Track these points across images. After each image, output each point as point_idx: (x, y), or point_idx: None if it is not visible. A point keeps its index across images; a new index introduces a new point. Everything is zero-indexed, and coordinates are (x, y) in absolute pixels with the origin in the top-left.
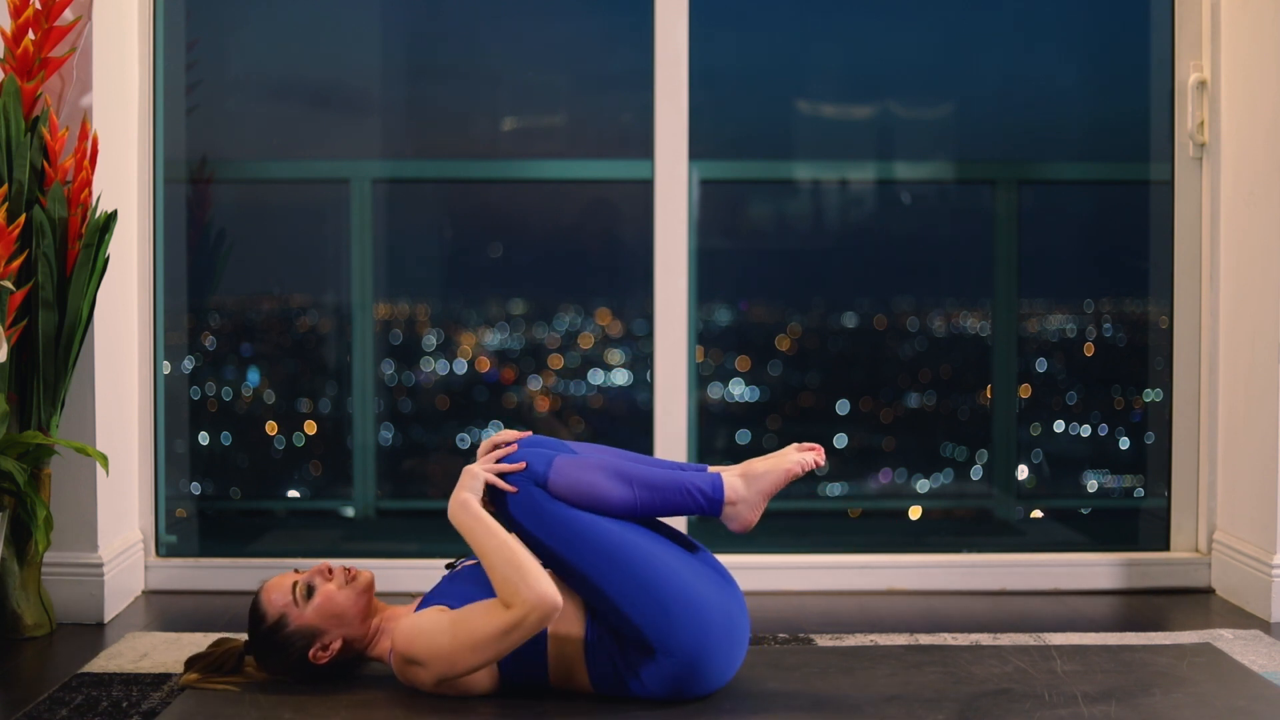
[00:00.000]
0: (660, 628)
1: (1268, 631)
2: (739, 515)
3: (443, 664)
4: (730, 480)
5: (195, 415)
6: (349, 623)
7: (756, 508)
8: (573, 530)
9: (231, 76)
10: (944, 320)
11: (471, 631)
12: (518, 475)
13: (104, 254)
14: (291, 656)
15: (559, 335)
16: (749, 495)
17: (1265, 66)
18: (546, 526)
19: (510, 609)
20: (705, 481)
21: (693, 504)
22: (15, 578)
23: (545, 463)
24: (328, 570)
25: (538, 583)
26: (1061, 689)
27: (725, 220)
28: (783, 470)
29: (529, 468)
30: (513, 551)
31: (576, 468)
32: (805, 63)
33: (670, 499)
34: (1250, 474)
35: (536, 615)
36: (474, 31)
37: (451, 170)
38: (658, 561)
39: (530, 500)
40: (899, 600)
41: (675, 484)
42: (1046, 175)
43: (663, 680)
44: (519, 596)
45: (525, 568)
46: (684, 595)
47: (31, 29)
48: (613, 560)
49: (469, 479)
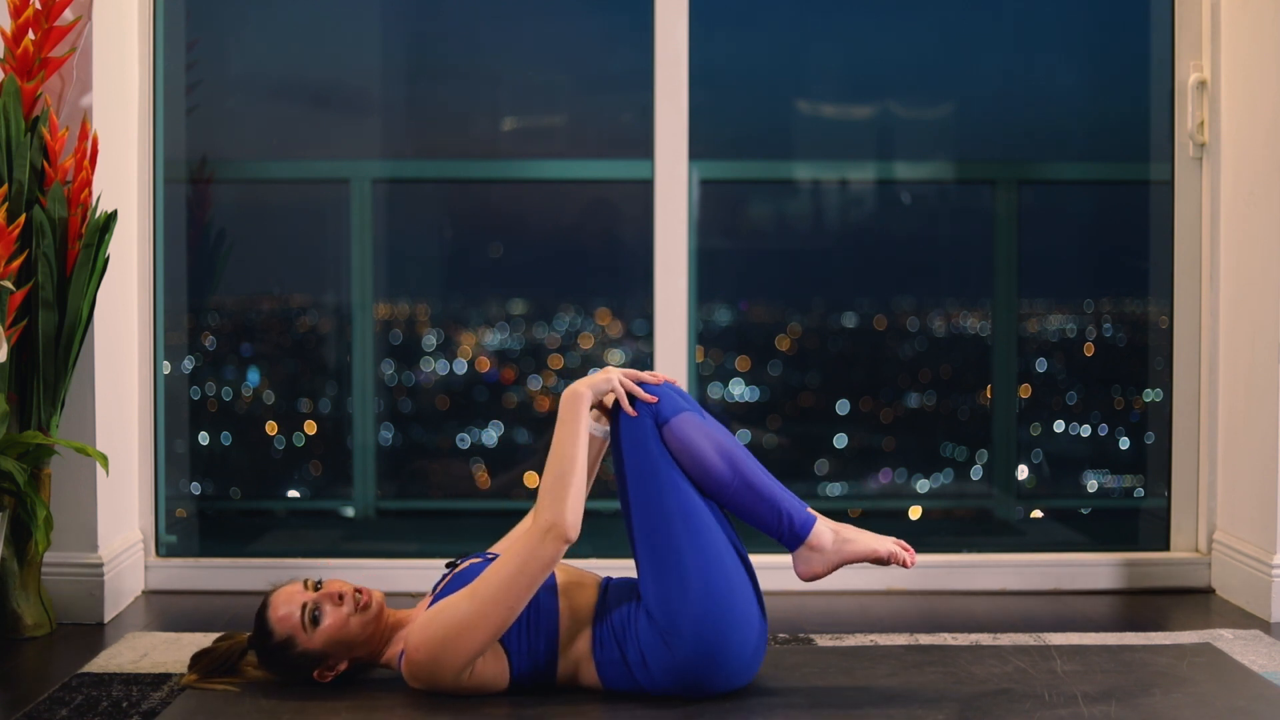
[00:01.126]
0: (688, 605)
1: (1268, 631)
2: (810, 563)
3: (465, 633)
4: (821, 527)
5: (195, 415)
6: (356, 648)
7: (830, 565)
8: (654, 476)
9: (231, 76)
10: (944, 320)
11: (490, 582)
12: (643, 404)
13: (104, 254)
14: (296, 675)
15: (559, 335)
16: (830, 551)
17: (1265, 66)
18: (638, 457)
19: (529, 532)
20: (799, 511)
21: (776, 525)
22: (15, 578)
23: (674, 410)
24: (338, 597)
25: (568, 509)
26: (1061, 689)
27: (725, 220)
28: (870, 548)
29: (659, 404)
30: (572, 469)
31: (697, 430)
32: (805, 63)
33: (760, 507)
34: (1250, 474)
35: (552, 536)
36: (474, 31)
37: (451, 170)
38: (715, 547)
39: (640, 431)
40: (899, 600)
41: (772, 497)
42: (1046, 175)
43: (672, 671)
44: (545, 510)
45: (570, 487)
46: (722, 584)
47: (31, 29)
48: (668, 520)
49: (602, 379)
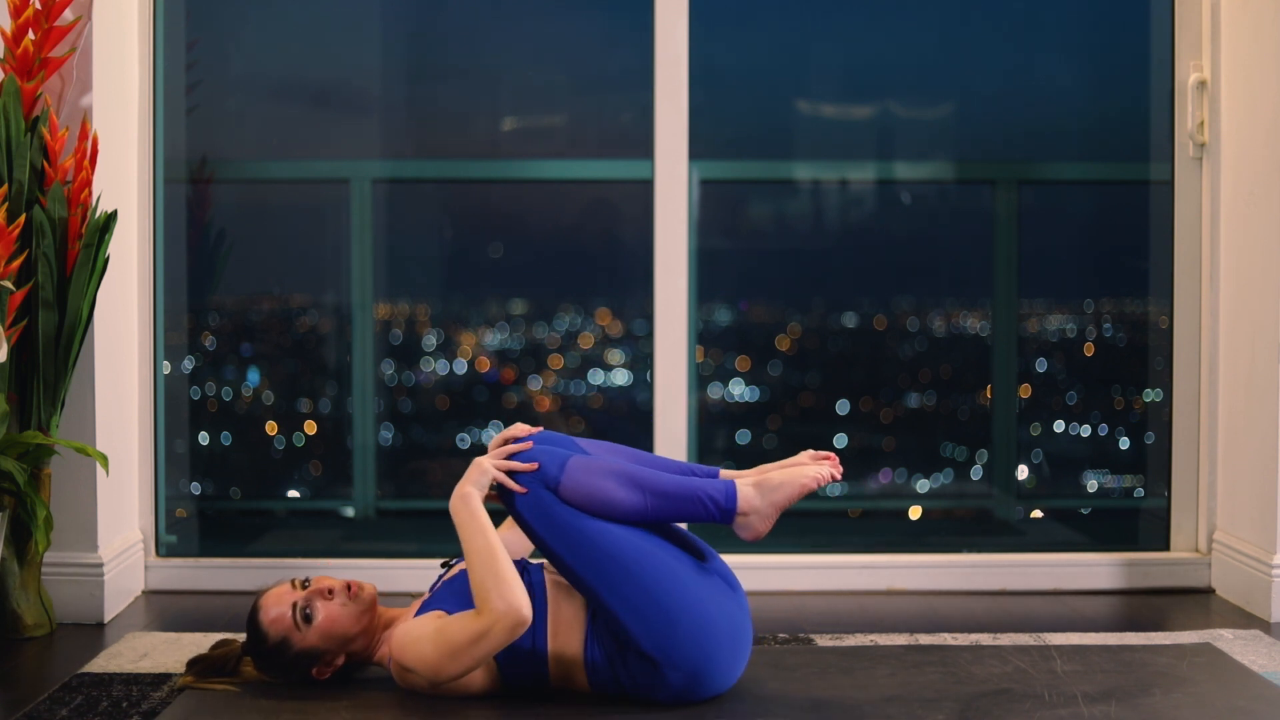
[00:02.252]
0: (665, 640)
1: (1268, 631)
2: (751, 526)
3: (429, 672)
4: (744, 490)
5: (195, 415)
6: (352, 640)
7: (769, 519)
8: (581, 536)
9: (231, 76)
10: (944, 320)
11: (449, 640)
12: (528, 475)
13: (104, 254)
14: (294, 675)
15: (559, 335)
16: (762, 506)
17: (1265, 66)
18: (554, 530)
19: (480, 616)
20: (719, 490)
21: (704, 513)
22: (15, 578)
23: (558, 465)
24: (327, 591)
25: (509, 592)
26: (1061, 689)
27: (725, 220)
28: (799, 484)
29: (541, 469)
30: (494, 557)
31: (588, 472)
32: (805, 63)
33: (682, 507)
34: (1250, 474)
35: (503, 625)
36: (474, 31)
37: (451, 170)
38: (664, 572)
39: (539, 502)
40: (899, 600)
41: (688, 492)
42: (1046, 175)
43: (666, 690)
44: (489, 604)
45: (501, 575)
46: (689, 607)
47: (31, 29)
48: (619, 569)
49: (477, 472)
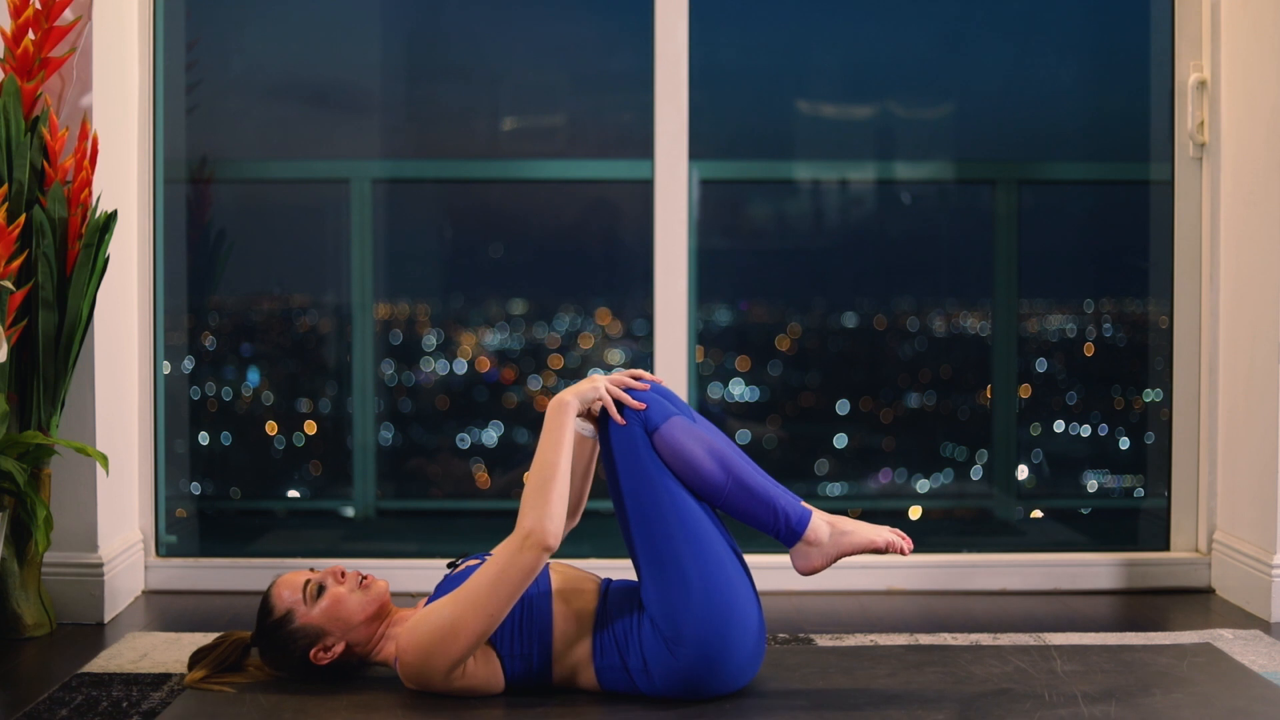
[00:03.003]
0: (676, 610)
1: (1268, 631)
2: (809, 558)
3: (448, 638)
4: (818, 521)
5: (195, 415)
6: (354, 627)
7: (828, 559)
8: (650, 485)
9: (231, 76)
10: (944, 320)
11: (471, 589)
12: (632, 412)
13: (104, 254)
14: (293, 654)
15: (559, 335)
16: (828, 544)
17: (1265, 66)
18: (631, 468)
19: (506, 544)
20: (794, 509)
21: (773, 523)
22: (15, 578)
23: (663, 415)
24: (340, 573)
25: (546, 514)
26: (1061, 689)
27: (725, 220)
28: (867, 539)
29: (648, 410)
30: (554, 476)
31: (687, 434)
32: (805, 63)
33: (756, 507)
34: (1250, 474)
35: (531, 542)
36: (474, 31)
37: (451, 170)
38: (710, 551)
39: (631, 439)
40: (899, 600)
41: (767, 495)
42: (1046, 175)
43: (675, 676)
44: (525, 517)
45: (549, 496)
46: (725, 590)
47: (31, 29)
48: (666, 528)
49: (588, 385)
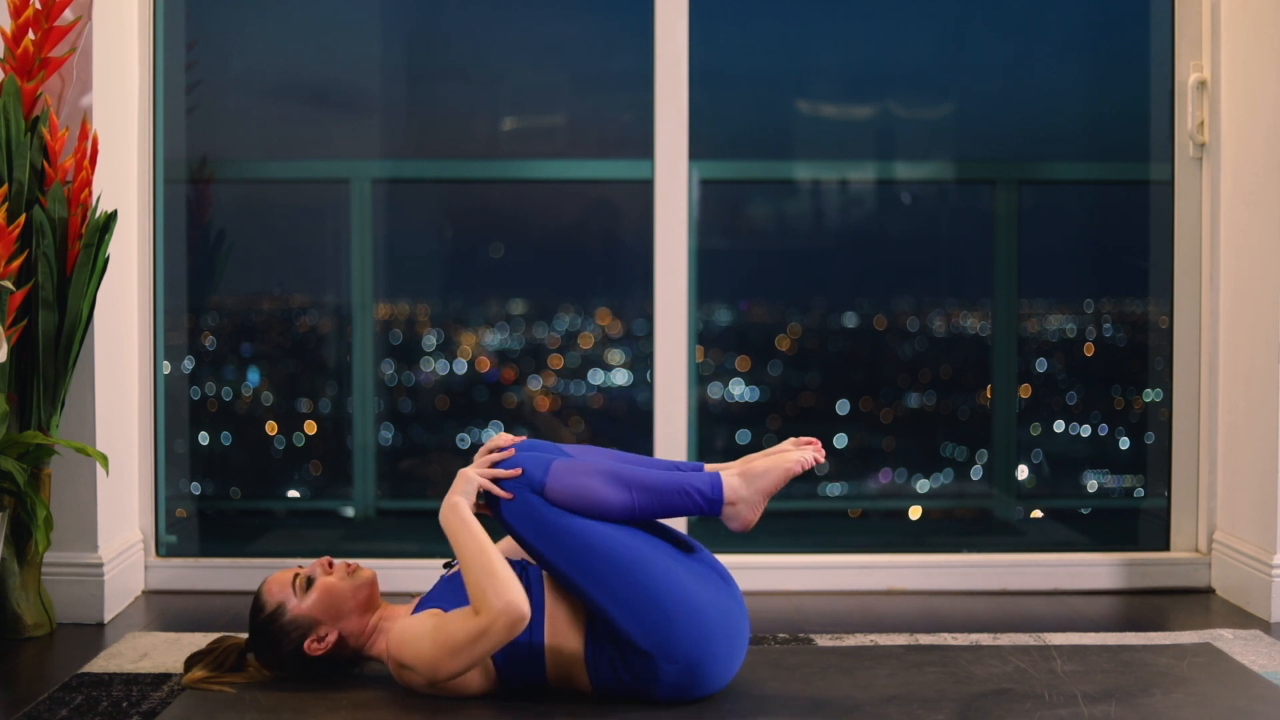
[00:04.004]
0: (660, 634)
1: (1268, 631)
2: (739, 515)
3: (427, 669)
4: (729, 480)
5: (195, 415)
6: (346, 616)
7: (757, 507)
8: (569, 537)
9: (231, 76)
10: (944, 320)
11: (448, 638)
12: (514, 481)
13: (104, 254)
14: (286, 647)
15: (559, 335)
16: (749, 494)
17: (1265, 66)
18: (542, 533)
19: (478, 615)
20: (704, 482)
21: (692, 505)
22: (15, 578)
23: (542, 468)
24: (328, 564)
25: (506, 590)
26: (1061, 689)
27: (725, 220)
28: (783, 469)
29: (525, 473)
30: (488, 558)
31: (573, 473)
32: (805, 63)
33: (669, 501)
34: (1250, 474)
35: (502, 623)
36: (474, 31)
37: (451, 170)
38: (656, 567)
39: (526, 506)
40: (899, 600)
41: (674, 486)
42: (1046, 175)
43: (665, 685)
44: (486, 603)
45: (497, 575)
46: (683, 600)
47: (31, 29)
48: (609, 568)
49: (463, 482)
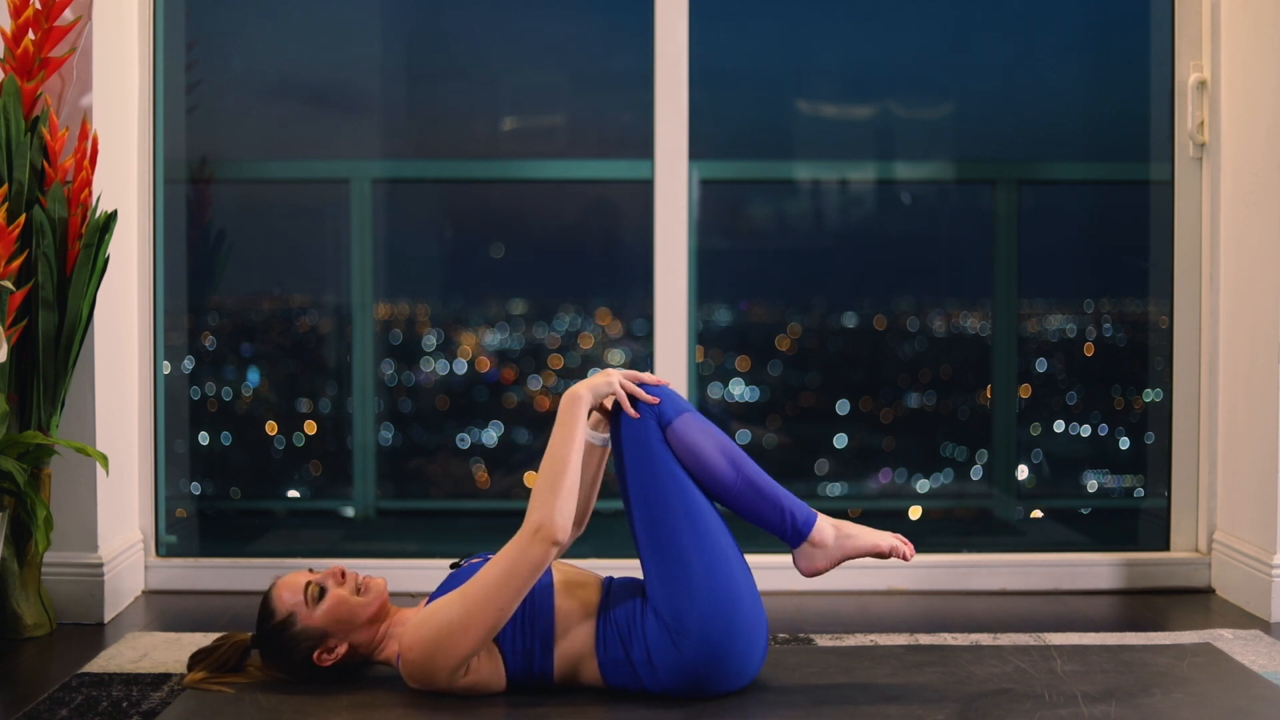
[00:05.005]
0: (696, 602)
1: (1268, 631)
2: (812, 559)
3: (455, 634)
4: (823, 524)
5: (195, 415)
6: (357, 629)
7: (832, 561)
8: (660, 478)
9: (231, 76)
10: (944, 320)
11: (479, 584)
12: (645, 406)
13: (104, 254)
14: (295, 656)
15: (559, 335)
16: (832, 547)
17: (1265, 66)
18: (642, 460)
19: (518, 536)
20: (801, 511)
21: (779, 523)
22: (15, 578)
23: (676, 410)
24: (340, 574)
25: (558, 512)
26: (1061, 689)
27: (725, 220)
28: (871, 543)
29: (661, 404)
30: (565, 470)
31: (699, 429)
32: (805, 63)
33: (763, 506)
34: (1250, 474)
35: (541, 537)
36: (474, 31)
37: (451, 170)
38: (715, 545)
39: (643, 432)
40: (899, 600)
41: (775, 495)
42: (1046, 175)
43: (679, 670)
44: (535, 511)
45: (559, 489)
46: (729, 583)
47: (31, 29)
48: (676, 521)
49: (602, 379)
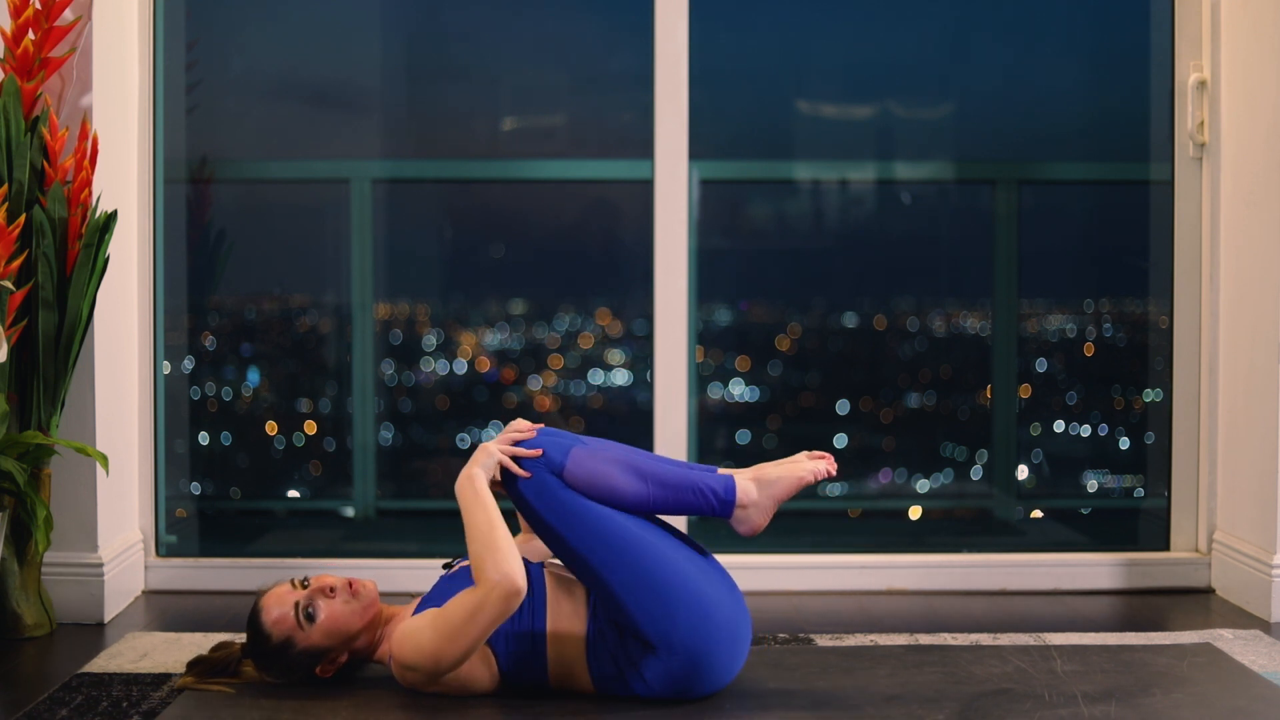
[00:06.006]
0: (664, 623)
1: (1268, 631)
2: (749, 519)
3: (430, 662)
4: (743, 483)
5: (195, 415)
6: (354, 637)
7: (767, 512)
8: (583, 519)
9: (231, 76)
10: (944, 320)
11: (447, 621)
12: (533, 461)
13: (104, 254)
14: (298, 674)
15: (559, 335)
16: (760, 500)
17: (1265, 66)
18: (557, 513)
19: (476, 589)
20: (718, 483)
21: (705, 504)
22: (15, 578)
23: (562, 452)
24: (329, 589)
25: (504, 562)
26: (1061, 689)
27: (725, 220)
28: (795, 477)
29: (545, 454)
30: (493, 531)
31: (593, 459)
32: (805, 63)
33: (683, 498)
34: (1250, 474)
35: (497, 594)
36: (474, 31)
37: (451, 170)
38: (666, 558)
39: (543, 486)
40: (899, 600)
41: (689, 483)
42: (1046, 175)
43: (666, 678)
44: (484, 574)
45: (498, 547)
46: (690, 592)
47: (31, 29)
48: (621, 552)
49: (483, 455)
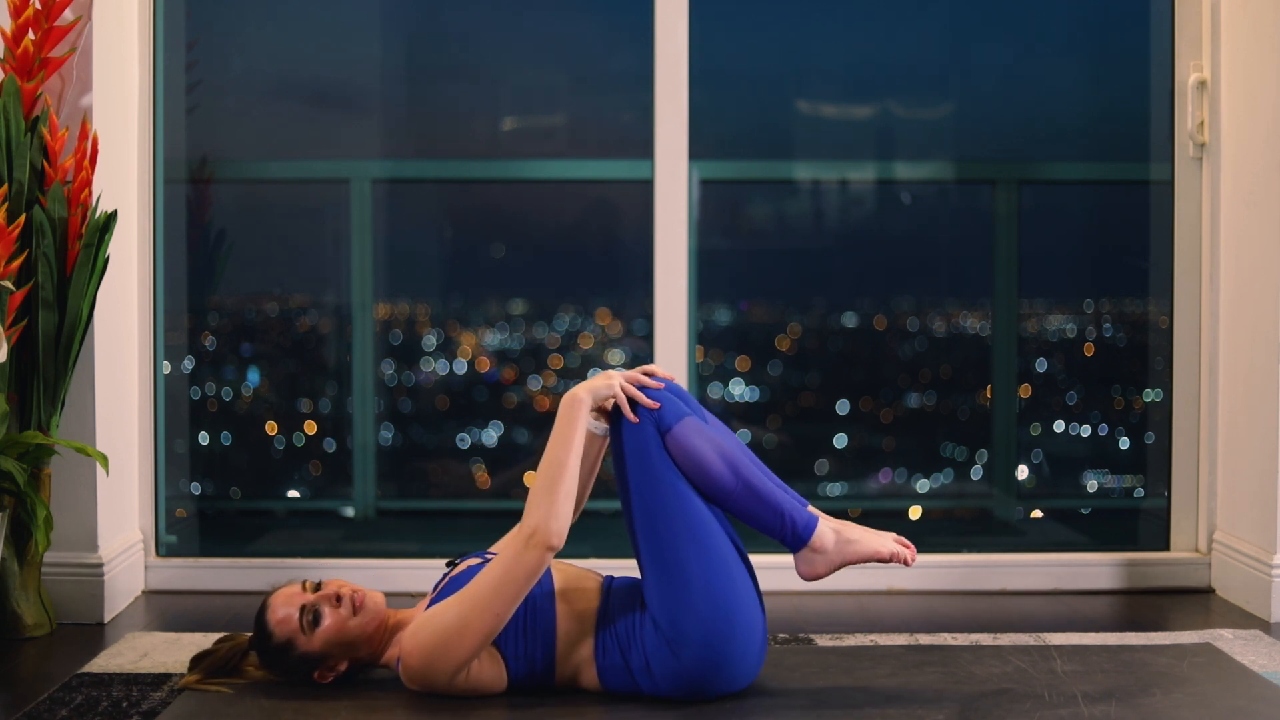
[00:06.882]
0: (694, 612)
1: (1268, 631)
2: (813, 564)
3: (454, 641)
4: (824, 528)
5: (195, 415)
6: (356, 648)
7: (832, 565)
8: (659, 484)
9: (231, 76)
10: (944, 320)
11: (475, 590)
12: (644, 411)
13: (104, 254)
14: (296, 676)
15: (559, 335)
16: (832, 553)
17: (1265, 66)
18: (641, 466)
19: (510, 541)
20: (801, 517)
21: (779, 528)
22: (15, 578)
23: (676, 416)
24: (335, 599)
25: (553, 516)
26: (1061, 689)
27: (725, 220)
28: (872, 549)
29: (661, 410)
30: (562, 474)
31: (699, 436)
32: (805, 63)
33: (763, 511)
34: (1250, 474)
35: (535, 542)
36: (474, 31)
37: (451, 170)
38: (715, 553)
39: (642, 439)
40: (899, 600)
41: (774, 501)
42: (1046, 175)
43: (675, 677)
44: (530, 515)
45: (556, 493)
46: (729, 594)
47: (31, 29)
48: (676, 529)
49: (603, 383)
